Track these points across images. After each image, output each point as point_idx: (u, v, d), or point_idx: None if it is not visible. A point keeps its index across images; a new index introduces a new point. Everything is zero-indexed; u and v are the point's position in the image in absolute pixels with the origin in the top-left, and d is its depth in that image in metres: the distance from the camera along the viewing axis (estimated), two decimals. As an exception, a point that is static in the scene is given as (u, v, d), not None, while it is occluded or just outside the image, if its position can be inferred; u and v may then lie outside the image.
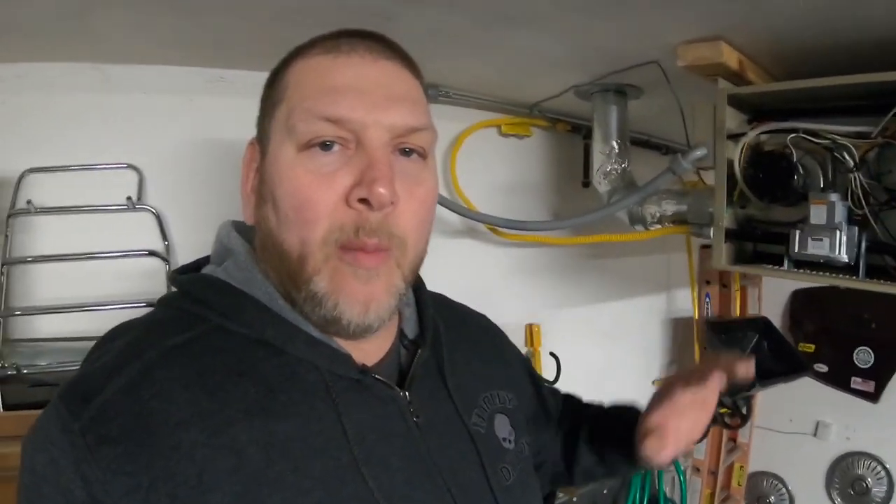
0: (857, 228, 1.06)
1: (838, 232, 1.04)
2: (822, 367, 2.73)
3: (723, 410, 2.44)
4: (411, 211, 0.60)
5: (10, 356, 1.21)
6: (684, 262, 2.48)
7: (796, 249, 1.10)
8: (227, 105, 1.43)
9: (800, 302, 2.81)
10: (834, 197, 1.06)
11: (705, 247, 2.62)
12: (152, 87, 1.40)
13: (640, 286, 2.57)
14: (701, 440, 0.95)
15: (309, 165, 0.58)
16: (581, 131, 1.98)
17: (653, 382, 2.57)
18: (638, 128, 2.01)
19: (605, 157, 1.64)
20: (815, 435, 2.85)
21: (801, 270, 1.14)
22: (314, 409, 0.59)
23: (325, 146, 0.58)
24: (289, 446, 0.56)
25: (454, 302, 0.90)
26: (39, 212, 1.31)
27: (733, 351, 2.32)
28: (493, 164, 1.94)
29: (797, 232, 1.10)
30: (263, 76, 1.47)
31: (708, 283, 2.62)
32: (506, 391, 0.81)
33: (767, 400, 2.90)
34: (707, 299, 2.61)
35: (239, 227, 0.70)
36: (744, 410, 2.50)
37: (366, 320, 0.59)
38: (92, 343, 1.18)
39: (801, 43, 1.12)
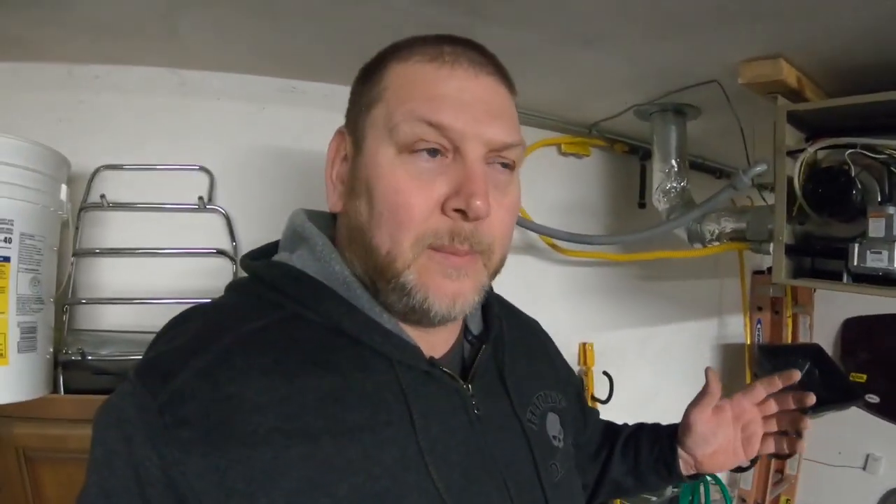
0: None
1: None
2: (874, 398, 2.67)
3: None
4: (499, 220, 0.63)
5: (74, 344, 1.24)
6: (737, 288, 2.48)
7: (855, 262, 1.13)
8: (297, 115, 1.51)
9: (852, 331, 2.76)
10: (892, 210, 1.09)
11: (758, 272, 2.61)
12: (226, 93, 1.45)
13: (692, 311, 2.57)
14: (748, 468, 0.99)
15: (410, 169, 0.60)
16: (638, 152, 2.03)
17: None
18: (694, 151, 2.04)
19: (664, 175, 1.68)
20: (864, 469, 2.78)
21: (862, 284, 1.15)
22: (384, 399, 0.61)
23: (433, 152, 0.60)
24: (359, 435, 0.58)
25: (510, 303, 0.93)
26: (112, 207, 1.34)
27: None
28: (553, 183, 1.99)
29: (856, 245, 1.13)
30: (334, 88, 1.55)
31: (760, 309, 2.61)
32: (556, 392, 0.83)
33: (816, 431, 2.80)
34: (759, 326, 2.59)
35: (310, 215, 0.72)
36: (795, 438, 2.46)
37: (452, 313, 0.62)
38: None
39: (856, 60, 1.16)
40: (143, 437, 0.52)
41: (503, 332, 0.78)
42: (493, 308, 0.78)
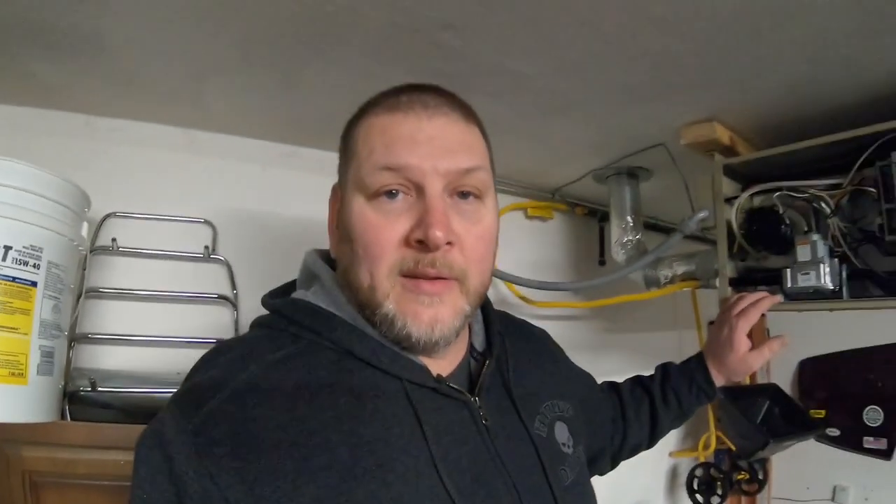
0: (837, 261, 1.26)
1: (822, 265, 1.25)
2: (835, 431, 2.78)
3: (739, 476, 2.54)
4: (471, 246, 0.68)
5: (80, 379, 1.27)
6: (694, 338, 2.67)
7: (789, 284, 1.30)
8: (295, 177, 1.64)
9: (808, 370, 2.91)
10: (815, 236, 1.27)
11: (713, 322, 2.80)
12: (231, 154, 1.58)
13: (653, 361, 2.69)
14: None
15: (377, 210, 0.67)
16: (597, 215, 2.25)
17: (669, 454, 2.70)
18: (647, 211, 2.27)
19: (621, 230, 1.88)
20: (832, 500, 2.85)
21: (797, 301, 1.32)
22: (396, 414, 0.66)
23: (391, 194, 0.67)
24: (374, 446, 0.62)
25: (517, 318, 1.01)
26: (120, 251, 1.41)
27: (747, 417, 2.46)
28: (520, 244, 2.15)
29: (788, 270, 1.30)
30: (327, 156, 1.72)
31: (717, 357, 2.76)
32: (564, 401, 0.88)
33: (783, 469, 2.94)
34: (716, 371, 2.75)
35: (322, 254, 0.80)
36: (759, 475, 2.60)
37: (432, 337, 0.67)
38: (158, 375, 1.32)
39: (778, 116, 1.37)
40: (183, 456, 0.58)
41: (506, 346, 0.84)
42: (495, 325, 0.85)
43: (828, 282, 1.26)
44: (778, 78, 1.19)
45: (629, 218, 1.87)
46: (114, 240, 1.41)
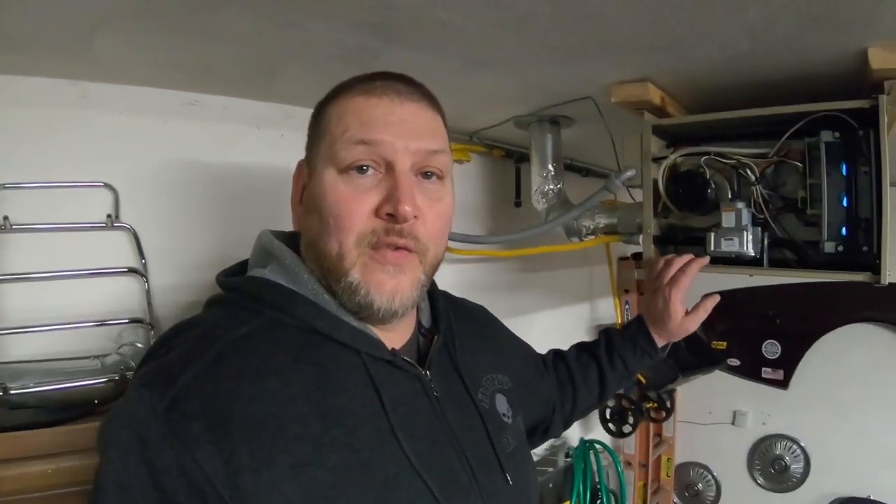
0: (759, 229, 1.29)
1: (745, 232, 1.27)
2: (735, 362, 3.02)
3: (648, 405, 2.71)
4: (431, 222, 0.75)
5: None
6: (605, 274, 2.74)
7: (712, 248, 1.32)
8: (200, 128, 1.49)
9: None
10: (740, 205, 1.29)
11: (623, 258, 2.90)
12: (128, 107, 1.40)
13: (568, 296, 2.80)
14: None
15: (348, 184, 0.72)
16: (513, 156, 2.20)
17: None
18: (565, 154, 2.25)
19: (542, 178, 1.84)
20: (733, 423, 3.12)
21: (718, 265, 1.36)
22: (357, 385, 0.71)
23: (362, 169, 0.72)
24: (340, 416, 0.68)
25: (457, 297, 1.06)
26: (14, 229, 1.26)
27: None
28: (437, 187, 2.11)
29: (712, 234, 1.32)
30: (236, 101, 1.59)
31: (627, 291, 2.86)
32: (502, 374, 0.95)
33: (687, 396, 3.17)
34: (627, 306, 2.87)
35: (277, 234, 0.82)
36: (667, 404, 2.77)
37: (392, 306, 0.73)
38: (71, 362, 1.23)
39: (712, 83, 1.34)
40: (157, 435, 0.60)
41: (451, 323, 0.90)
42: (440, 303, 0.91)
43: (750, 249, 1.28)
44: (717, 50, 1.15)
45: (550, 166, 1.83)
46: (6, 218, 1.25)
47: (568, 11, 1.01)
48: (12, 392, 1.17)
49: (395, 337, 0.80)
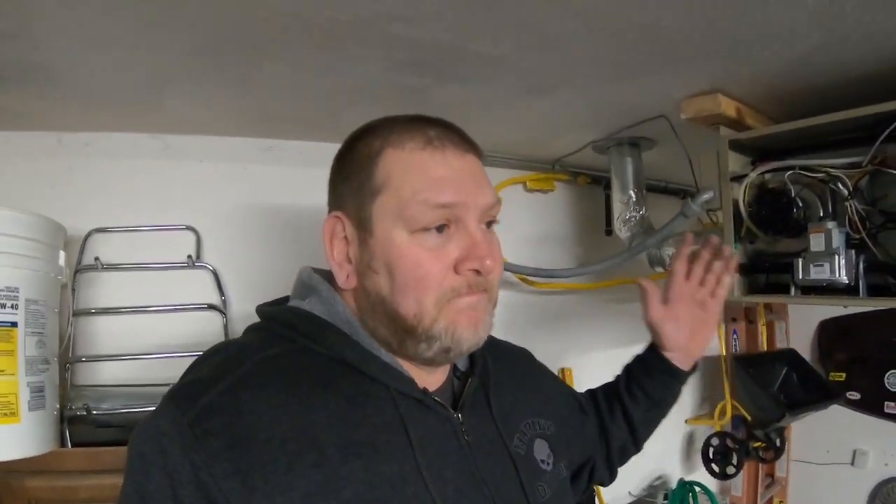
0: (853, 252, 1.15)
1: (837, 256, 1.14)
2: (855, 395, 2.75)
3: (756, 444, 2.48)
4: (497, 268, 0.75)
5: (77, 399, 1.30)
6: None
7: (800, 276, 1.19)
8: (276, 172, 1.59)
9: (827, 332, 2.84)
10: (830, 225, 1.16)
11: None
12: (208, 155, 1.53)
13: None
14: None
15: (424, 244, 0.71)
16: (601, 182, 2.11)
17: (686, 421, 2.63)
18: (655, 175, 2.13)
19: (623, 205, 1.76)
20: (852, 464, 2.84)
21: (809, 295, 1.23)
22: (384, 420, 0.69)
23: (440, 228, 0.71)
24: (362, 449, 0.66)
25: (499, 340, 1.00)
26: (105, 268, 1.42)
27: (763, 386, 2.37)
28: (521, 219, 2.06)
29: (800, 260, 1.19)
30: (309, 145, 1.63)
31: (734, 320, 2.68)
32: (545, 419, 0.91)
33: (803, 432, 2.90)
34: (735, 336, 2.66)
35: (317, 270, 0.82)
36: (777, 443, 2.53)
37: (476, 337, 0.74)
38: (153, 388, 1.34)
39: (791, 87, 1.23)
40: (178, 448, 0.60)
41: (488, 366, 0.87)
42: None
43: (842, 275, 1.15)
44: (785, 48, 1.05)
45: (632, 192, 1.75)
46: (97, 258, 1.41)
47: (600, 26, 0.97)
48: (95, 413, 1.30)
49: (432, 379, 0.78)
